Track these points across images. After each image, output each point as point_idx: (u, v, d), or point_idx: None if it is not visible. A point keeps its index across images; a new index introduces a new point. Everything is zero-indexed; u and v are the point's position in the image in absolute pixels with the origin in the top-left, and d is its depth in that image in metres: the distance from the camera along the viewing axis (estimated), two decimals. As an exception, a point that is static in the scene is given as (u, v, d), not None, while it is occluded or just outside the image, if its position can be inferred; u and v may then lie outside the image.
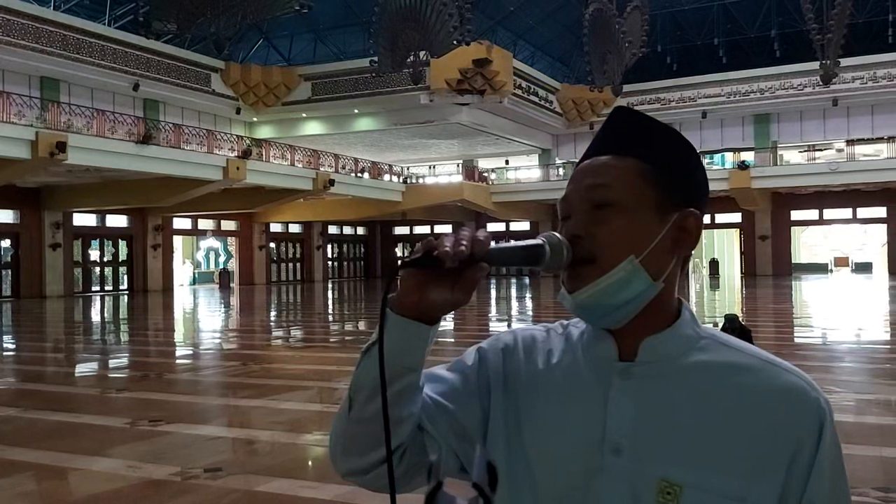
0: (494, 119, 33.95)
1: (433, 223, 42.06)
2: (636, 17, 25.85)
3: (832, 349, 10.65)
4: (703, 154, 33.27)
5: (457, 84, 29.90)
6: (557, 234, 0.88)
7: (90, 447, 5.31)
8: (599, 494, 0.85)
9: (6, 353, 12.08)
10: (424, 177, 43.47)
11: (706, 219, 0.99)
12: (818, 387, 0.86)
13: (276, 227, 38.69)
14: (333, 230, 42.44)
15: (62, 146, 21.31)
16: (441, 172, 43.93)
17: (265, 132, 34.48)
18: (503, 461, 0.89)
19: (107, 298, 27.60)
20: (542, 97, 35.82)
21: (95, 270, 31.16)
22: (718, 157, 36.93)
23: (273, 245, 38.94)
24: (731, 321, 3.92)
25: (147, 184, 26.50)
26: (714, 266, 36.72)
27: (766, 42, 37.15)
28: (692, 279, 29.60)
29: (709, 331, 0.92)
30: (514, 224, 41.24)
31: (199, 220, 35.29)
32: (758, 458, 0.82)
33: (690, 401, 0.86)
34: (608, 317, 0.88)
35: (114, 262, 31.64)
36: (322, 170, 33.08)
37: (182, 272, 37.05)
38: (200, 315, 20.29)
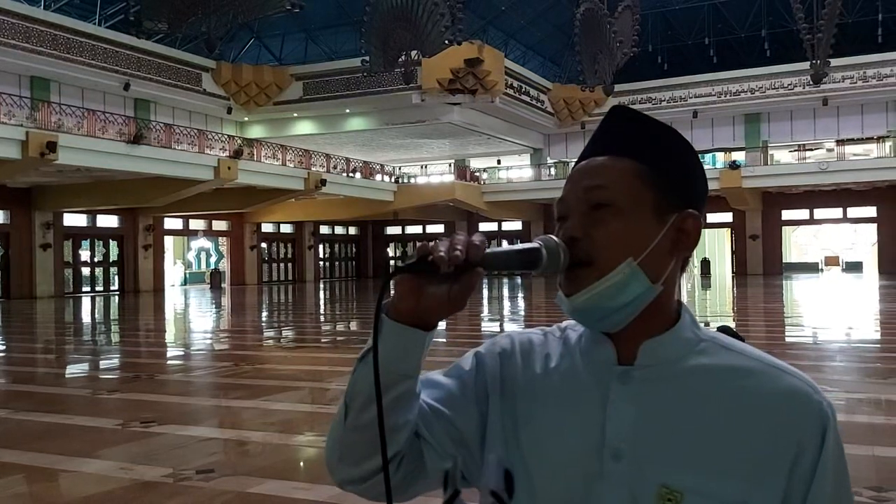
0: (486, 119, 33.97)
1: (425, 223, 42.07)
2: (627, 17, 25.95)
3: (823, 348, 10.67)
4: (695, 154, 33.32)
5: (448, 84, 29.92)
6: (554, 238, 0.86)
7: (81, 449, 5.27)
8: (599, 500, 0.84)
9: (-4, 355, 12.00)
10: (416, 176, 43.49)
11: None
12: (821, 390, 0.85)
13: (268, 228, 38.62)
14: (325, 230, 42.39)
15: (52, 146, 21.26)
16: (433, 172, 43.94)
17: (256, 132, 34.41)
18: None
19: (97, 299, 27.48)
20: (534, 97, 35.85)
21: (86, 271, 31.02)
22: (709, 157, 37.01)
23: (264, 245, 38.88)
24: (726, 333, 3.91)
25: (138, 184, 26.43)
26: (705, 266, 36.84)
27: (757, 42, 37.31)
28: (683, 279, 29.63)
29: (709, 333, 0.91)
30: (506, 224, 41.28)
31: (191, 221, 35.20)
32: (759, 463, 0.81)
33: (691, 405, 0.85)
34: (606, 320, 0.87)
35: (104, 263, 31.52)
36: (313, 170, 33.03)
37: (173, 272, 36.92)
38: (192, 315, 20.22)
